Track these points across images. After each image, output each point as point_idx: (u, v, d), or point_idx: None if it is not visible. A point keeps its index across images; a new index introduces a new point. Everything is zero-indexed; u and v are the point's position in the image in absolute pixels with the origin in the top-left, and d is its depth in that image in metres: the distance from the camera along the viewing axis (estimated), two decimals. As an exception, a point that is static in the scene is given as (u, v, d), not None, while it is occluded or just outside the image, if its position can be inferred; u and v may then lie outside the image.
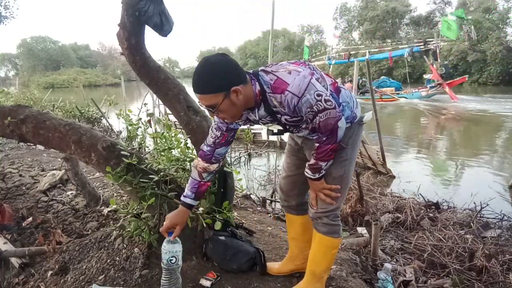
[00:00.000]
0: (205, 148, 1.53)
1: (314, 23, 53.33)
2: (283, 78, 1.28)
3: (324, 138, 1.36)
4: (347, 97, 1.47)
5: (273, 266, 1.86)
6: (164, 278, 1.53)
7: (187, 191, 1.56)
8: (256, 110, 1.36)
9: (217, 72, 1.24)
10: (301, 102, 1.26)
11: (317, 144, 1.40)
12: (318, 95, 1.26)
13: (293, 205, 1.75)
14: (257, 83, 1.31)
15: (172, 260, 1.50)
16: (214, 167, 1.54)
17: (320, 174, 1.46)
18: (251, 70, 1.36)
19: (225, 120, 1.41)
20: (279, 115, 1.37)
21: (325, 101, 1.27)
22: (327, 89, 1.36)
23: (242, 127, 1.67)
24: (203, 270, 1.85)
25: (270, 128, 1.58)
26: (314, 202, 1.54)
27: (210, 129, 1.53)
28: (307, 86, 1.25)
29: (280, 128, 1.51)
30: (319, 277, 1.63)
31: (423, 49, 16.09)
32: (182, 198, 1.56)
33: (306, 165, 1.49)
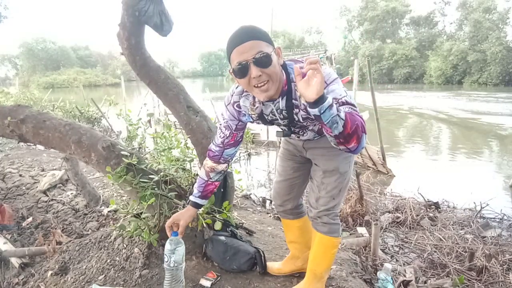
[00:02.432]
0: (213, 148, 1.51)
1: (314, 23, 53.37)
2: None
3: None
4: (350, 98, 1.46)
5: (273, 266, 1.86)
6: (166, 279, 1.53)
7: (194, 190, 1.56)
8: (280, 99, 1.29)
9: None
10: (327, 90, 1.16)
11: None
12: (343, 92, 1.22)
13: (288, 209, 1.75)
14: (283, 71, 1.26)
15: (174, 261, 1.49)
16: (222, 167, 1.53)
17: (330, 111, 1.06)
18: None
19: (266, 88, 1.19)
20: (296, 109, 1.32)
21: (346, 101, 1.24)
22: None
23: (251, 125, 1.65)
24: (203, 270, 1.85)
25: (279, 130, 1.54)
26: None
27: (218, 128, 1.50)
28: (335, 78, 1.21)
29: (285, 129, 1.47)
30: (320, 277, 1.63)
31: (325, 56, 20.75)
32: (190, 197, 1.58)
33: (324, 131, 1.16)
